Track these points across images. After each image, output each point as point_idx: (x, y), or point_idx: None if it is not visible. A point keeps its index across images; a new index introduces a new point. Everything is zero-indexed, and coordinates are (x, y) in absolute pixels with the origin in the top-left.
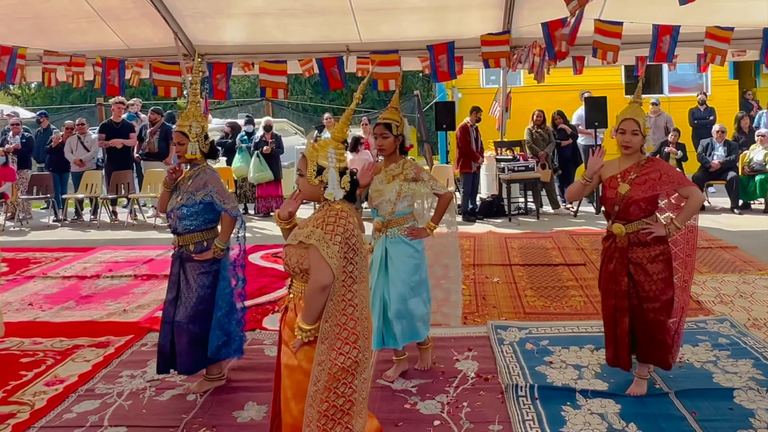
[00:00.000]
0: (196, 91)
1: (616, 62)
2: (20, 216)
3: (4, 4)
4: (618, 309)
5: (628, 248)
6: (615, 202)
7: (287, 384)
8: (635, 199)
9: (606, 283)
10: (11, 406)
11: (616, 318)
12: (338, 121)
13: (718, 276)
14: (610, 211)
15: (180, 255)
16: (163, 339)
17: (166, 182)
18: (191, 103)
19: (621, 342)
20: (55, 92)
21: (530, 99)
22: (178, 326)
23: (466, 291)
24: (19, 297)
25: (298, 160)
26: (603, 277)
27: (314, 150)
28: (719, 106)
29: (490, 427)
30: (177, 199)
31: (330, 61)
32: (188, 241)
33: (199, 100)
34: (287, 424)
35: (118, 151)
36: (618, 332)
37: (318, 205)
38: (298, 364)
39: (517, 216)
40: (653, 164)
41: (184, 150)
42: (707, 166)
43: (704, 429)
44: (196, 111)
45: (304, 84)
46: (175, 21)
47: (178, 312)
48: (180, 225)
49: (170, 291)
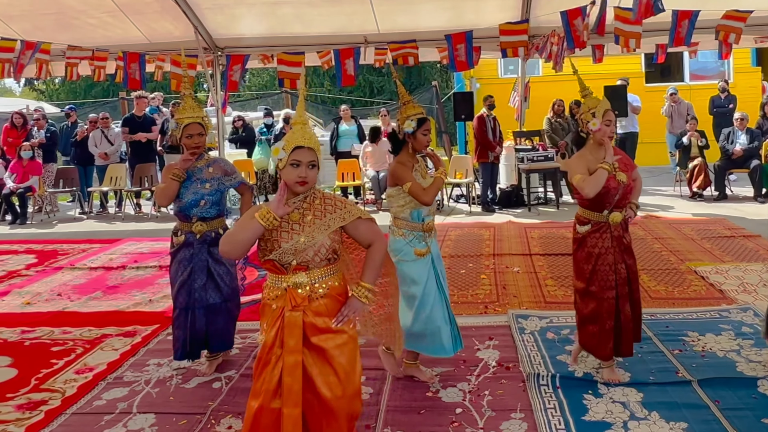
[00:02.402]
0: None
1: (639, 49)
2: (47, 209)
3: (28, 0)
4: (620, 297)
5: (622, 235)
6: (617, 191)
7: (342, 362)
8: (629, 185)
9: (605, 276)
10: (43, 393)
11: (619, 307)
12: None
13: (741, 265)
14: (608, 201)
15: (206, 240)
16: (199, 324)
17: (177, 174)
18: (186, 96)
19: (626, 330)
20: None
21: (549, 88)
22: (215, 308)
23: (486, 280)
24: (48, 288)
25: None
26: (600, 271)
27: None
28: (742, 93)
29: (512, 415)
30: (203, 187)
31: (346, 53)
32: (216, 225)
33: (192, 93)
34: (338, 399)
35: (142, 144)
36: (622, 321)
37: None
38: (349, 335)
39: (536, 206)
40: (617, 151)
41: (203, 141)
42: (729, 154)
43: (728, 418)
44: (194, 102)
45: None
46: (195, 14)
47: (211, 295)
48: (209, 211)
49: (198, 278)
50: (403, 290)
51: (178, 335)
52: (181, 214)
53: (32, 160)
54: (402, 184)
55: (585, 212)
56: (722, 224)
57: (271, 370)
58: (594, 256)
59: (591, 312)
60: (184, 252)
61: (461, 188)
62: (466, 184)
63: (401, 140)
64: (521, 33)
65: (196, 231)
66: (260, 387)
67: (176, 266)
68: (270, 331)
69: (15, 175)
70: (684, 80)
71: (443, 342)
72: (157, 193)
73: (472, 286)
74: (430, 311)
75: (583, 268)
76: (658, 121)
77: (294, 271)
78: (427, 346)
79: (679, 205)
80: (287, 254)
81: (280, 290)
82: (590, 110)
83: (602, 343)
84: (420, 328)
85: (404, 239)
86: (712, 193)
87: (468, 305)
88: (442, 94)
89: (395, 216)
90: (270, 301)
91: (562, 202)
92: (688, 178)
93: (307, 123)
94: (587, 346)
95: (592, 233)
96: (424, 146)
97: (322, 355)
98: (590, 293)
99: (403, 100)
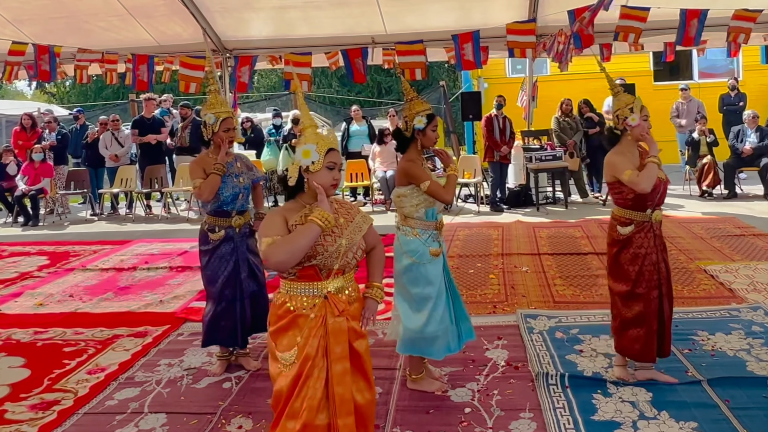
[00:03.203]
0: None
1: (638, 43)
2: (59, 210)
3: (38, 4)
4: (664, 296)
5: (660, 233)
6: (659, 189)
7: (369, 366)
8: (667, 182)
9: (650, 276)
10: (56, 393)
11: (662, 307)
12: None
13: (751, 264)
14: (651, 200)
15: (244, 233)
16: (248, 313)
17: (220, 168)
18: (214, 92)
19: (668, 329)
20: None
21: (557, 88)
22: (255, 295)
23: (495, 280)
24: (60, 289)
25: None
26: (647, 271)
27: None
28: (751, 91)
29: (521, 414)
30: (238, 181)
31: (355, 53)
32: (248, 218)
33: (218, 89)
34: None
35: (151, 146)
36: (665, 320)
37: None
38: (365, 337)
39: (545, 205)
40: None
41: (235, 135)
42: (739, 152)
43: (738, 417)
44: (222, 98)
45: (331, 77)
46: (204, 17)
47: (252, 284)
48: (244, 205)
49: (243, 270)
50: (415, 292)
51: (224, 326)
52: (220, 210)
53: (43, 163)
54: (417, 183)
55: (627, 212)
56: (732, 223)
57: (314, 384)
58: (641, 257)
59: (636, 315)
60: (225, 247)
61: (470, 188)
62: (474, 183)
63: (408, 138)
64: (529, 33)
65: (235, 225)
66: (300, 405)
67: (217, 261)
68: (311, 341)
69: (27, 177)
70: (693, 78)
71: (449, 341)
72: (204, 188)
73: (480, 286)
74: (443, 311)
75: (628, 270)
76: (667, 120)
77: (334, 275)
78: (438, 348)
79: (689, 203)
80: (331, 258)
81: (318, 298)
82: (627, 106)
83: (648, 346)
84: (434, 328)
85: (419, 239)
86: (722, 192)
87: (477, 305)
88: (450, 93)
89: (408, 216)
90: (306, 311)
91: (571, 201)
92: (698, 176)
93: (317, 126)
94: (630, 351)
95: (637, 233)
96: (432, 143)
97: (357, 360)
98: (637, 295)
99: (409, 96)
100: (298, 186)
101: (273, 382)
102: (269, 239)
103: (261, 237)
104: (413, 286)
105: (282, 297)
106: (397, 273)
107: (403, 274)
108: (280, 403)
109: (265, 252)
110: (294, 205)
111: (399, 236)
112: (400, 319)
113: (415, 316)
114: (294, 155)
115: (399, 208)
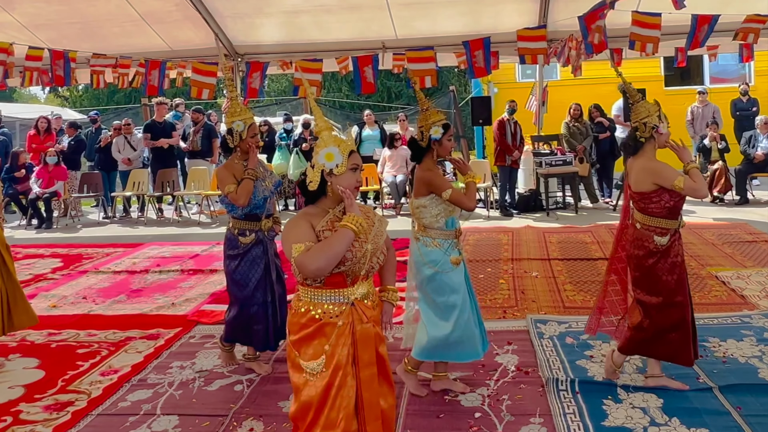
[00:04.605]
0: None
1: (656, 53)
2: (72, 213)
3: (53, 10)
4: (692, 302)
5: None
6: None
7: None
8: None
9: (684, 283)
10: (70, 394)
11: (692, 313)
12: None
13: (763, 270)
14: (681, 207)
15: (272, 236)
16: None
17: (253, 173)
18: (233, 99)
19: (694, 332)
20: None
21: (567, 92)
22: (282, 297)
23: (505, 285)
24: (73, 291)
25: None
26: (682, 279)
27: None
28: (763, 96)
29: (531, 419)
30: (265, 186)
31: (365, 61)
32: (272, 221)
33: (238, 95)
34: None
35: (163, 150)
36: (693, 326)
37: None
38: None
39: (555, 210)
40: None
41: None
42: (751, 158)
43: (750, 424)
44: (241, 105)
45: (341, 81)
46: (216, 22)
47: (279, 287)
48: (270, 207)
49: (273, 272)
50: (440, 301)
51: (257, 329)
52: (251, 214)
53: (57, 166)
54: (439, 192)
55: (663, 222)
56: (744, 229)
57: (348, 393)
58: (678, 265)
59: (675, 321)
60: (256, 250)
61: (479, 193)
62: (484, 188)
63: (425, 147)
64: (539, 39)
65: (265, 228)
66: (336, 415)
67: (248, 265)
68: (340, 349)
69: (41, 180)
70: (704, 83)
71: (476, 345)
72: (241, 193)
73: (490, 291)
74: (467, 316)
75: (667, 280)
76: (677, 125)
77: (360, 281)
78: (462, 352)
79: (700, 209)
80: (359, 264)
81: (345, 305)
82: (656, 113)
83: (685, 348)
84: (459, 335)
85: (440, 249)
86: (734, 198)
87: (487, 310)
88: (460, 98)
89: (428, 226)
90: (333, 319)
91: (581, 206)
92: (709, 182)
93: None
94: (668, 354)
95: (673, 243)
96: (448, 152)
97: (382, 365)
98: (676, 304)
99: (424, 106)
100: (319, 190)
101: (296, 392)
102: (301, 245)
103: (289, 243)
104: (438, 296)
105: (304, 305)
106: (420, 283)
107: (426, 284)
108: (309, 413)
109: (300, 259)
110: (316, 210)
111: (419, 246)
112: (417, 326)
113: (442, 324)
114: (313, 158)
115: (418, 218)
